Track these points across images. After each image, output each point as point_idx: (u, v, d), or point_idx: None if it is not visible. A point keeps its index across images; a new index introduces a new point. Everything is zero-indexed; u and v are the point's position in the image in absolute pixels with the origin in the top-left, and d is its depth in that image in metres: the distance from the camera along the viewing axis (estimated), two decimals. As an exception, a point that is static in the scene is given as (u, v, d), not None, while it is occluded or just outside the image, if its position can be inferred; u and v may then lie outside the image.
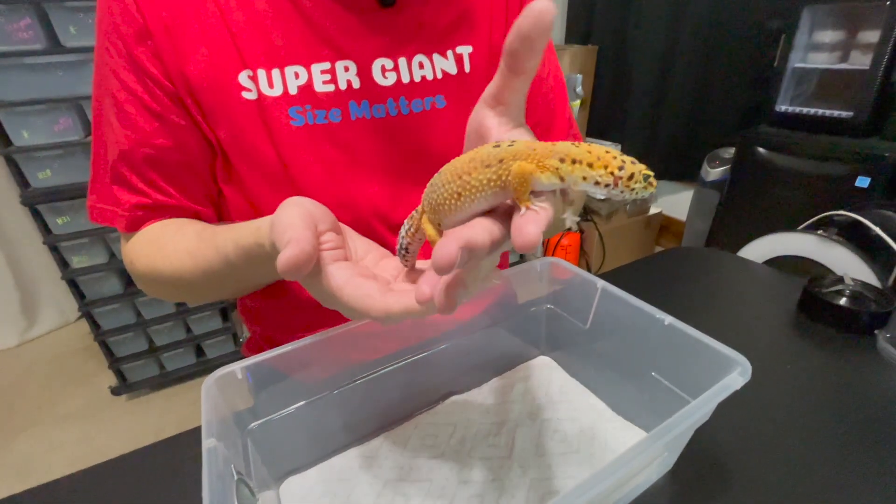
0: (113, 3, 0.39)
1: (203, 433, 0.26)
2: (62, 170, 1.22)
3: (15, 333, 1.82)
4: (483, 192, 0.21)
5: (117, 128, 0.41)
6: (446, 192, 0.22)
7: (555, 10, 0.22)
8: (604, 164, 0.20)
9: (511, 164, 0.20)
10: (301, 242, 0.24)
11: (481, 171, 0.21)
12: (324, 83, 0.43)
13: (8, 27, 1.09)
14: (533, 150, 0.20)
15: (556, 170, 0.20)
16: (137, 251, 0.44)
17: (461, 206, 0.21)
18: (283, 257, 0.23)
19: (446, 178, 0.22)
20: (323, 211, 0.28)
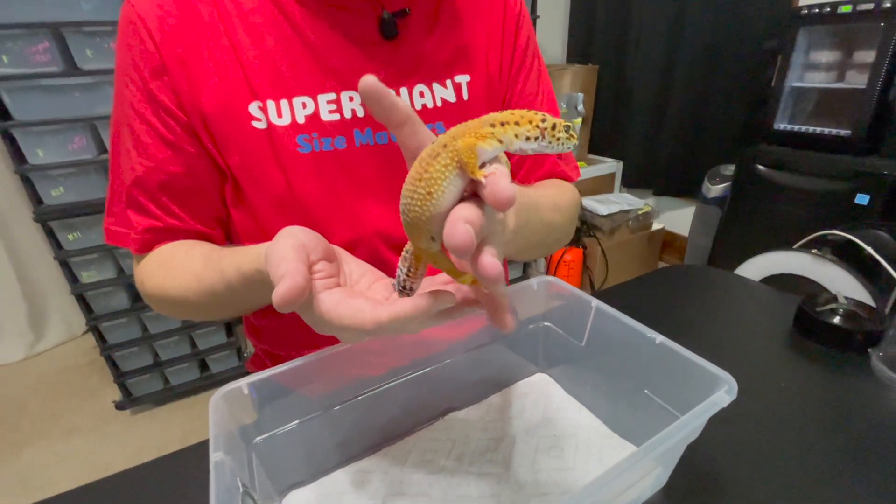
0: (132, 40, 0.42)
1: (211, 447, 0.28)
2: (75, 187, 1.26)
3: (22, 347, 1.84)
4: (447, 177, 0.22)
5: (133, 156, 0.44)
6: (417, 197, 0.22)
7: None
8: (528, 120, 0.22)
9: (454, 142, 0.22)
10: (294, 276, 0.24)
11: (433, 162, 0.22)
12: (330, 112, 0.45)
13: (27, 50, 1.13)
14: (466, 127, 0.22)
15: (492, 135, 0.22)
16: (148, 272, 0.46)
17: (437, 200, 0.22)
18: (277, 292, 0.24)
19: (410, 189, 0.23)
20: (315, 240, 0.29)
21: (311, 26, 0.44)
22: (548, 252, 0.55)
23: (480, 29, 0.51)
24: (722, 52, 1.80)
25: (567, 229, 0.54)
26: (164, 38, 0.41)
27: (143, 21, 0.41)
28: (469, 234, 0.20)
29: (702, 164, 1.93)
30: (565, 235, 0.55)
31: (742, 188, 1.62)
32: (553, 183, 0.56)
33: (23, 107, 1.16)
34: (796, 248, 1.16)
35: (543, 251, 0.54)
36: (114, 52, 1.18)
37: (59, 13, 1.12)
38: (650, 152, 2.16)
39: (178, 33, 0.42)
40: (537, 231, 0.44)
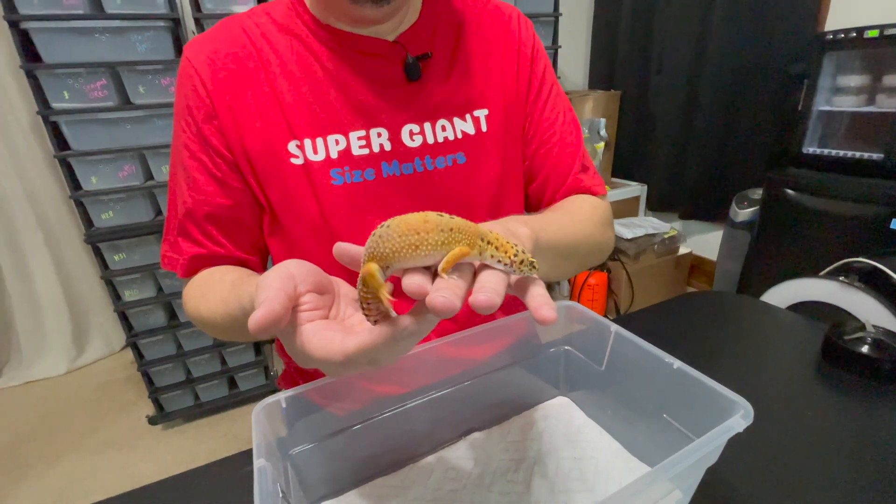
0: (188, 90, 0.48)
1: (254, 454, 0.30)
2: (123, 211, 1.35)
3: (65, 361, 1.93)
4: (436, 249, 0.26)
5: (185, 190, 0.49)
6: (403, 242, 0.25)
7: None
8: (505, 251, 0.27)
9: (458, 235, 0.26)
10: (271, 303, 0.25)
11: (437, 233, 0.26)
12: (360, 147, 0.49)
13: (86, 87, 1.24)
14: (469, 228, 0.27)
15: (479, 248, 0.27)
16: (189, 294, 0.50)
17: (417, 256, 0.26)
18: (251, 318, 0.25)
19: (402, 231, 0.26)
20: (307, 272, 0.29)
21: (341, 71, 0.49)
22: (583, 265, 0.55)
23: (495, 65, 0.55)
24: (747, 76, 1.80)
25: (597, 239, 0.54)
26: (215, 87, 0.47)
27: (197, 73, 0.47)
28: (442, 300, 0.23)
29: (729, 188, 1.91)
30: (596, 246, 0.54)
31: (771, 212, 1.60)
32: (574, 198, 0.57)
33: (80, 138, 1.27)
34: (823, 275, 1.14)
35: (576, 264, 0.53)
36: (163, 87, 1.28)
37: (116, 54, 1.23)
38: (675, 176, 2.15)
39: (227, 83, 0.47)
40: (557, 250, 0.45)
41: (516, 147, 0.57)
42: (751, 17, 1.74)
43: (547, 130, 0.57)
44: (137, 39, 1.24)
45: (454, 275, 0.26)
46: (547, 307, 0.26)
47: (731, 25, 1.78)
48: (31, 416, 1.70)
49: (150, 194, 1.38)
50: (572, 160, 0.58)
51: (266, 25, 0.49)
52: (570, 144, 0.58)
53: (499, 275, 0.27)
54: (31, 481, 1.41)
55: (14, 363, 1.93)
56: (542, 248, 0.39)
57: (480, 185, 0.54)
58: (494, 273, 0.27)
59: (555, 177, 0.58)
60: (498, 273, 0.27)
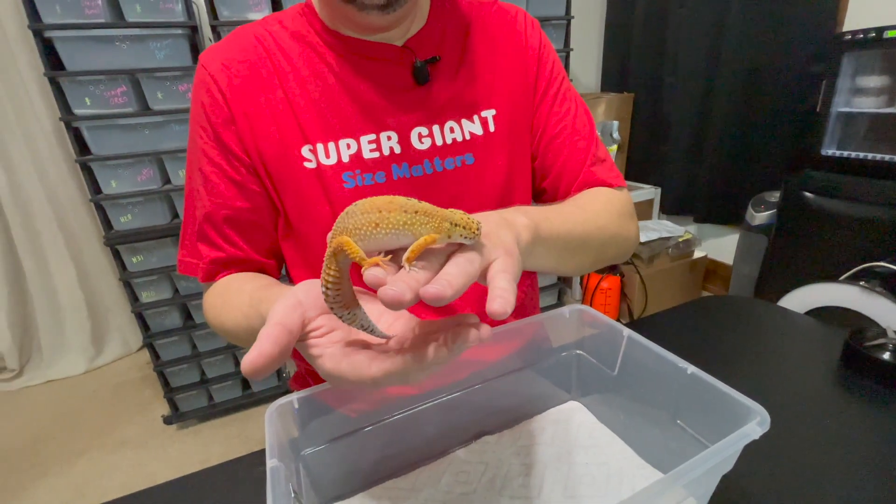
0: (204, 96, 0.49)
1: (267, 454, 0.31)
2: (141, 214, 1.37)
3: (84, 361, 1.98)
4: (395, 230, 0.25)
5: (203, 195, 0.50)
6: (365, 220, 0.25)
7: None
8: (468, 225, 0.27)
9: (423, 218, 0.26)
10: (263, 343, 0.26)
11: (399, 213, 0.25)
12: (370, 151, 0.50)
13: (107, 94, 1.27)
14: (436, 212, 0.26)
15: (446, 231, 0.26)
16: (210, 302, 0.51)
17: (375, 234, 0.25)
18: (244, 361, 0.25)
19: (365, 208, 0.26)
20: (316, 296, 0.29)
21: (351, 76, 0.50)
22: (600, 258, 0.52)
23: (502, 66, 0.55)
24: (764, 77, 1.78)
25: (613, 230, 0.51)
26: (231, 93, 0.48)
27: (214, 80, 0.48)
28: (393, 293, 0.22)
29: (745, 191, 1.88)
30: (612, 238, 0.51)
31: (789, 215, 1.57)
32: (588, 191, 0.55)
33: (100, 143, 1.30)
34: (842, 279, 1.11)
35: (591, 258, 0.51)
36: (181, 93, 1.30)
37: (136, 61, 1.26)
38: (690, 179, 2.12)
39: (242, 89, 0.48)
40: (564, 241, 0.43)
41: (524, 146, 0.57)
42: (767, 16, 1.71)
43: (557, 125, 0.57)
44: (156, 47, 1.27)
45: (419, 264, 0.25)
46: (500, 301, 0.24)
47: (747, 25, 1.76)
48: (50, 414, 1.74)
49: (167, 198, 1.41)
50: (585, 153, 0.57)
51: (278, 33, 0.50)
52: (582, 138, 0.57)
53: (463, 266, 0.26)
54: (49, 478, 1.44)
55: (35, 362, 1.98)
56: (543, 239, 0.38)
57: (489, 184, 0.55)
58: (458, 265, 0.26)
59: (568, 170, 0.57)
60: (462, 264, 0.26)
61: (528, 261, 0.36)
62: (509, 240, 0.31)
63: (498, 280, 0.26)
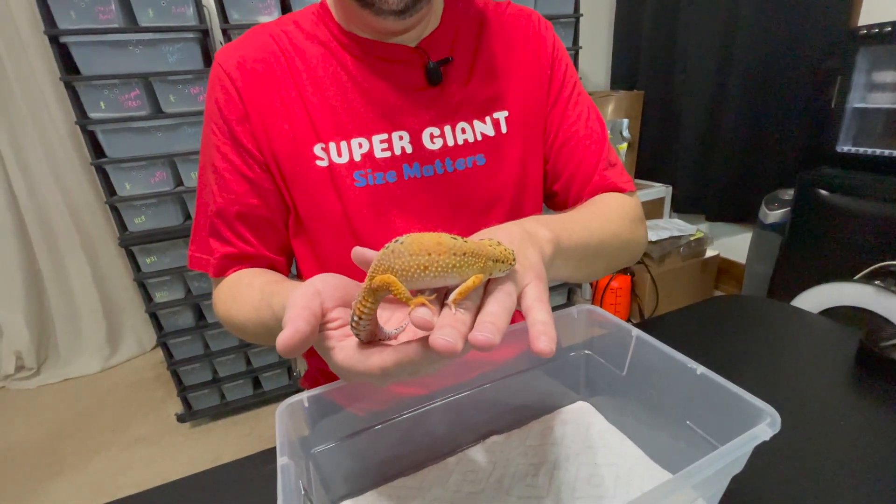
0: (219, 93, 0.49)
1: (278, 451, 0.31)
2: (155, 215, 1.40)
3: (99, 360, 2.01)
4: (446, 272, 0.26)
5: (216, 191, 0.51)
6: (413, 262, 0.25)
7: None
8: (506, 259, 0.28)
9: (471, 259, 0.26)
10: (296, 322, 0.26)
11: (448, 256, 0.26)
12: (382, 150, 0.50)
13: (121, 97, 1.30)
14: (481, 251, 0.27)
15: (489, 269, 0.27)
16: (220, 297, 0.52)
17: (423, 277, 0.26)
18: (278, 339, 0.25)
19: (413, 250, 0.26)
20: (334, 287, 0.30)
21: (365, 76, 0.50)
22: (612, 265, 0.53)
23: (515, 68, 0.55)
24: (776, 73, 1.75)
25: (626, 237, 0.52)
26: (246, 91, 0.48)
27: (229, 77, 0.49)
28: (444, 342, 0.23)
29: (758, 189, 1.85)
30: (625, 244, 0.52)
31: (803, 213, 1.54)
32: (601, 196, 0.56)
33: (114, 145, 1.32)
34: (857, 278, 1.09)
35: (604, 265, 0.51)
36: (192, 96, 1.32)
37: (149, 65, 1.28)
38: (702, 176, 2.10)
39: (256, 87, 0.49)
40: (582, 250, 0.43)
41: (537, 148, 0.57)
42: (780, 11, 1.69)
43: (570, 128, 0.57)
44: (168, 51, 1.29)
45: (465, 303, 0.26)
46: (546, 338, 0.25)
47: (759, 20, 1.73)
48: (67, 412, 1.78)
49: (179, 199, 1.43)
50: (597, 157, 0.57)
51: (293, 33, 0.51)
52: (594, 141, 0.57)
53: (503, 302, 0.26)
54: (66, 475, 1.47)
55: (52, 361, 2.02)
56: (564, 250, 0.38)
57: (500, 185, 0.55)
58: (499, 301, 0.26)
59: (580, 174, 0.57)
60: (503, 300, 0.27)
61: (548, 273, 0.37)
62: (536, 260, 0.31)
63: (536, 312, 0.27)
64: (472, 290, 0.26)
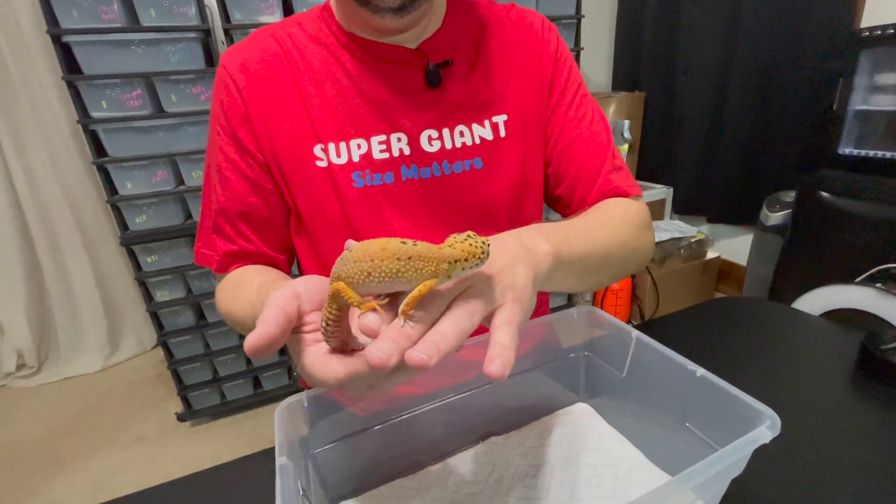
0: (224, 96, 0.50)
1: (276, 451, 0.31)
2: (156, 215, 1.40)
3: (100, 359, 2.02)
4: (389, 279, 0.25)
5: (219, 190, 0.51)
6: (357, 269, 0.25)
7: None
8: (472, 254, 0.26)
9: (417, 264, 0.25)
10: (267, 325, 0.25)
11: (391, 261, 0.25)
12: (381, 151, 0.50)
13: (122, 97, 1.30)
14: (432, 254, 0.25)
15: (445, 272, 0.25)
16: (221, 293, 0.52)
17: (368, 284, 0.25)
18: (247, 339, 0.25)
19: (357, 256, 0.25)
20: (315, 290, 0.30)
21: (365, 78, 0.50)
22: (619, 274, 0.52)
23: (517, 71, 0.55)
24: (778, 75, 1.75)
25: (632, 245, 0.51)
26: (248, 92, 0.49)
27: (232, 79, 0.49)
28: (386, 362, 0.23)
29: (759, 191, 1.85)
30: (632, 252, 0.51)
31: (804, 216, 1.54)
32: (606, 202, 0.55)
33: (116, 145, 1.32)
34: (858, 281, 1.09)
35: (610, 274, 0.51)
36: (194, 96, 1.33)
37: (151, 65, 1.28)
38: (703, 178, 2.09)
39: (259, 89, 0.49)
40: (585, 262, 0.43)
41: (537, 152, 0.57)
42: (782, 12, 1.68)
43: (573, 130, 0.56)
44: (170, 50, 1.29)
45: (417, 314, 0.25)
46: (499, 362, 0.24)
47: (761, 22, 1.73)
48: (68, 410, 1.78)
49: (181, 199, 1.43)
50: (601, 160, 0.56)
51: (297, 35, 0.52)
52: (598, 144, 0.56)
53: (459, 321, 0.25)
54: (66, 474, 1.47)
55: (53, 359, 2.02)
56: (565, 263, 0.37)
57: (498, 189, 0.54)
58: (454, 320, 0.25)
59: (584, 177, 0.56)
60: (459, 319, 0.25)
61: (546, 285, 0.36)
62: (522, 280, 0.30)
63: (499, 335, 0.26)
64: (420, 297, 0.25)
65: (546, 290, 0.39)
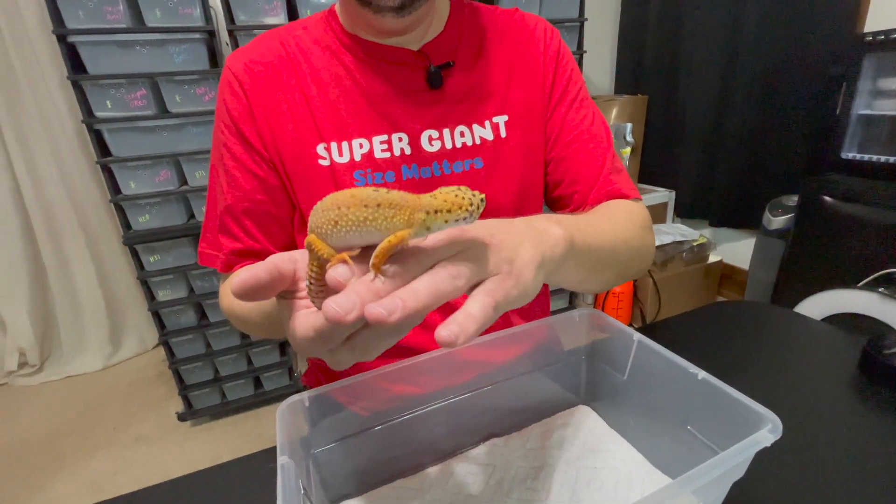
0: (228, 95, 0.51)
1: (278, 450, 0.31)
2: (159, 215, 1.40)
3: (102, 358, 2.02)
4: (357, 227, 0.23)
5: (225, 188, 0.52)
6: (325, 217, 0.23)
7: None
8: (459, 206, 0.23)
9: (388, 212, 0.23)
10: (256, 269, 0.24)
11: (359, 209, 0.23)
12: (382, 151, 0.51)
13: (127, 97, 1.31)
14: (405, 202, 0.23)
15: (422, 222, 0.23)
16: (226, 291, 0.53)
17: (336, 234, 0.23)
18: (235, 279, 0.24)
19: (326, 205, 0.23)
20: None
21: (368, 79, 0.51)
22: (623, 274, 0.51)
23: (518, 74, 0.55)
24: (781, 79, 1.75)
25: (636, 244, 0.50)
26: (253, 92, 0.50)
27: (237, 79, 0.50)
28: (343, 318, 0.20)
29: (762, 195, 1.85)
30: (637, 252, 0.50)
31: (807, 220, 1.54)
32: (608, 203, 0.55)
33: (120, 144, 1.33)
34: (861, 285, 1.08)
35: (615, 273, 0.49)
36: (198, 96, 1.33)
37: (155, 65, 1.29)
38: (705, 182, 2.09)
39: (263, 88, 0.50)
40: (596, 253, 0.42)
41: (537, 154, 0.57)
42: (785, 17, 1.68)
43: (573, 131, 0.57)
44: (175, 51, 1.30)
45: (391, 269, 0.23)
46: (454, 327, 0.21)
47: (764, 26, 1.73)
48: (69, 409, 1.78)
49: (183, 198, 1.44)
50: (602, 161, 0.56)
51: (301, 37, 0.52)
52: (598, 145, 0.57)
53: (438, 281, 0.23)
54: (66, 472, 1.48)
55: (55, 358, 2.03)
56: (578, 251, 0.36)
57: (499, 190, 0.55)
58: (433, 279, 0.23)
59: (584, 178, 0.56)
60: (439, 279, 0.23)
61: (555, 276, 0.34)
62: (525, 258, 0.27)
63: (471, 303, 0.23)
64: (391, 249, 0.22)
65: (554, 283, 0.38)
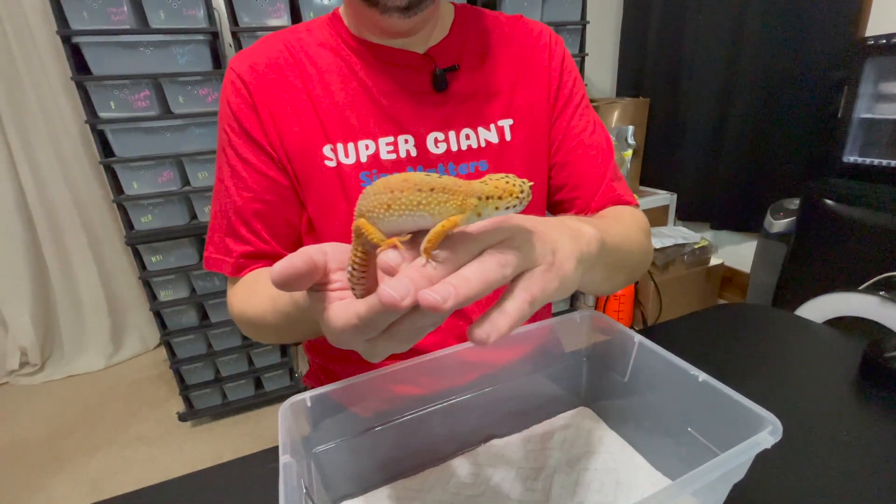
0: (232, 96, 0.51)
1: (280, 450, 0.32)
2: (161, 215, 1.41)
3: (103, 358, 2.02)
4: (410, 211, 0.23)
5: (233, 190, 0.52)
6: (377, 201, 0.23)
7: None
8: (508, 192, 0.23)
9: (441, 196, 0.23)
10: (293, 259, 0.25)
11: (412, 192, 0.23)
12: (388, 153, 0.51)
13: (130, 98, 1.31)
14: (458, 187, 0.23)
15: (474, 208, 0.23)
16: (235, 295, 0.53)
17: (388, 217, 0.23)
18: (273, 269, 0.24)
19: (378, 189, 0.23)
20: (342, 251, 0.29)
21: (374, 81, 0.51)
22: (631, 277, 0.52)
23: (523, 79, 0.56)
24: (783, 82, 1.75)
25: (645, 248, 0.52)
26: (258, 93, 0.50)
27: (242, 81, 0.50)
28: (399, 302, 0.20)
29: (763, 198, 1.84)
30: (644, 256, 0.52)
31: (809, 223, 1.54)
32: (612, 208, 0.56)
33: (123, 145, 1.34)
34: (862, 289, 1.08)
35: (626, 275, 0.50)
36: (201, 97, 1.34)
37: (159, 66, 1.30)
38: (707, 185, 2.09)
39: (268, 89, 0.50)
40: (621, 256, 0.43)
41: (541, 158, 0.58)
42: (787, 21, 1.69)
43: (576, 138, 0.58)
44: (178, 52, 1.31)
45: (442, 255, 0.22)
46: (489, 326, 0.22)
47: (766, 30, 1.74)
48: (70, 409, 1.78)
49: (186, 199, 1.44)
50: (604, 168, 0.57)
51: (305, 40, 0.53)
52: (600, 152, 0.58)
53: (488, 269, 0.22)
54: (67, 472, 1.48)
55: (56, 357, 2.03)
56: (607, 251, 0.36)
57: None
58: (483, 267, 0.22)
59: (585, 184, 0.57)
60: (488, 268, 0.22)
61: (585, 275, 0.32)
62: (566, 252, 0.27)
63: (508, 300, 0.23)
64: (443, 234, 0.22)
65: (581, 286, 0.38)
